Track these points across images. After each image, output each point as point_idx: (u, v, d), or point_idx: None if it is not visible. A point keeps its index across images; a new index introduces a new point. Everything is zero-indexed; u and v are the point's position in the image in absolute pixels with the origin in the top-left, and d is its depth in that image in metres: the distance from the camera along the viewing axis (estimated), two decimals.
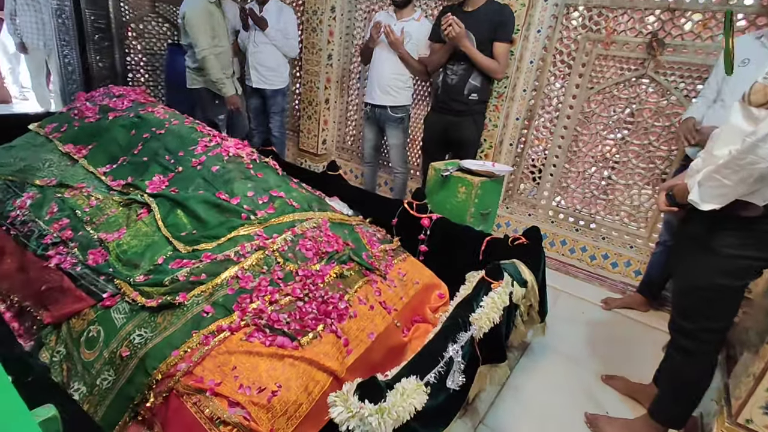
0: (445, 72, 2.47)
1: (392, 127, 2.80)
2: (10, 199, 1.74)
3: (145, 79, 3.89)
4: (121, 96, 2.10)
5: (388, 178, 3.38)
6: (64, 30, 3.25)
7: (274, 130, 3.52)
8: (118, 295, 1.30)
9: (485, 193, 2.08)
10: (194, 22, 2.77)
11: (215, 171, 1.62)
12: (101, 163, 1.79)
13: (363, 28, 3.25)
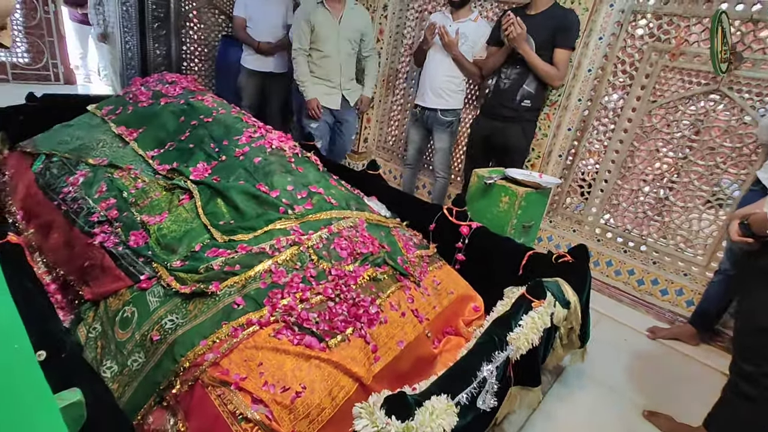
0: (498, 75, 2.39)
1: (440, 131, 2.73)
2: (64, 175, 1.82)
3: (198, 68, 4.01)
4: (173, 83, 2.15)
5: (427, 181, 3.32)
6: (126, 17, 3.39)
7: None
8: (155, 279, 1.31)
9: (529, 204, 1.98)
10: (294, 23, 2.83)
11: (257, 162, 1.62)
12: (150, 147, 1.83)
13: (413, 27, 3.20)
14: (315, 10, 2.66)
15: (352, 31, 2.74)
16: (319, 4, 2.68)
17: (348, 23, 2.72)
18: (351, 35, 2.75)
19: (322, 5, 2.68)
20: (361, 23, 2.74)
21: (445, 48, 2.53)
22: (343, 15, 2.71)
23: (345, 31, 2.73)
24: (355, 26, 2.73)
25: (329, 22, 2.69)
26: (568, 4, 2.34)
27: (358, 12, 2.74)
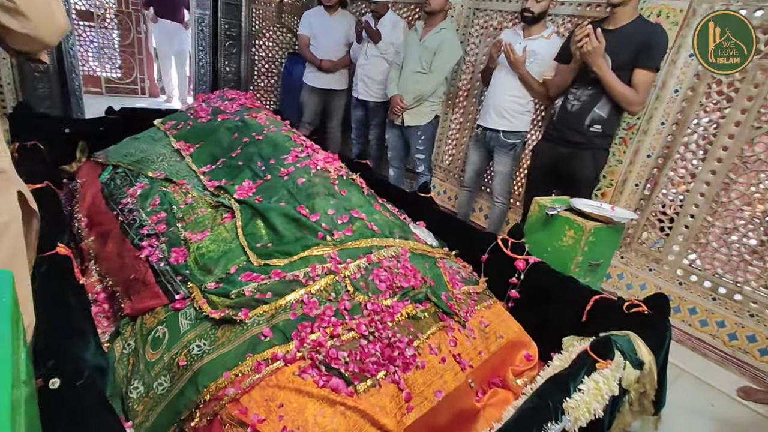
0: (565, 97, 2.18)
1: (502, 153, 2.56)
2: (125, 186, 1.90)
3: (264, 84, 4.16)
4: (232, 99, 2.20)
5: (485, 204, 3.14)
6: (201, 37, 3.60)
7: (371, 142, 3.50)
8: (189, 299, 1.29)
9: (598, 241, 1.75)
10: None
11: (300, 183, 1.57)
12: (203, 163, 1.86)
13: (477, 44, 3.06)
14: None
15: (428, 51, 2.69)
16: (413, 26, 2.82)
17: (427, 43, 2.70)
18: (425, 55, 2.70)
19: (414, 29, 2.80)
20: (436, 44, 2.68)
21: (511, 66, 2.37)
22: (427, 36, 2.71)
23: (422, 51, 2.71)
24: (431, 47, 2.68)
25: (414, 42, 2.77)
26: (653, 17, 2.10)
27: (442, 34, 2.69)
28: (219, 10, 3.49)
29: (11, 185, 0.95)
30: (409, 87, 2.76)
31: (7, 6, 0.82)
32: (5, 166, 0.93)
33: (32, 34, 0.87)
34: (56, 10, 0.91)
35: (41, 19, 0.87)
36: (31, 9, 0.85)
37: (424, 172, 3.03)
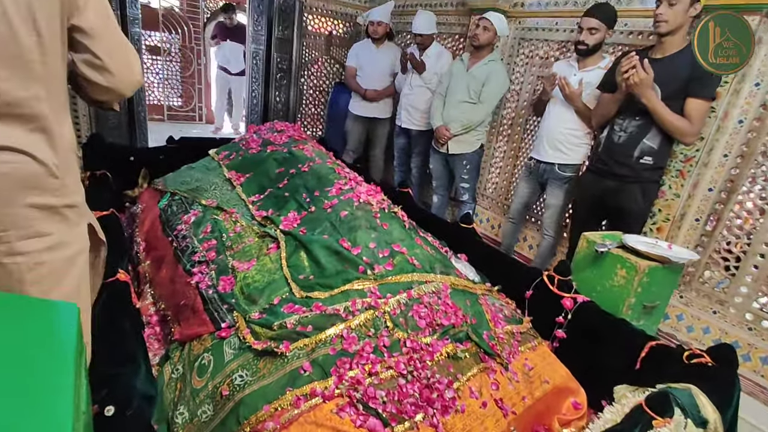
0: (611, 127, 2.10)
1: (556, 186, 2.49)
2: (181, 213, 2.01)
3: (311, 112, 4.33)
4: (281, 131, 2.30)
5: (530, 234, 3.05)
6: (255, 69, 3.82)
7: (413, 170, 3.52)
8: (233, 328, 1.33)
9: (654, 282, 1.65)
10: None
11: (343, 216, 1.60)
12: (252, 192, 1.95)
13: (522, 73, 3.04)
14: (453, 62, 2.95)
15: (476, 82, 2.72)
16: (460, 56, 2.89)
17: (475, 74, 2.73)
18: (473, 85, 2.73)
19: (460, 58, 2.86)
20: (484, 75, 2.71)
21: (566, 99, 2.32)
22: (474, 67, 2.74)
23: (469, 81, 2.74)
24: (480, 77, 2.70)
25: (461, 72, 2.81)
26: None
27: (490, 66, 2.72)
28: (272, 45, 3.70)
29: (82, 218, 1.03)
30: (455, 116, 2.78)
31: (96, 64, 0.92)
32: (79, 200, 1.02)
33: (113, 87, 0.97)
34: (134, 65, 1.01)
35: (122, 74, 0.97)
36: (115, 65, 0.95)
37: (468, 201, 3.00)
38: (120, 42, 0.97)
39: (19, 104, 0.83)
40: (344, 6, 4.09)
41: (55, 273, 0.95)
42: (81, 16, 0.87)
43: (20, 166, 0.86)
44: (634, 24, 2.35)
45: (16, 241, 0.88)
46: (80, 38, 0.89)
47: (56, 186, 0.92)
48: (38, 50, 0.82)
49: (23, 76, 0.82)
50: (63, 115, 0.94)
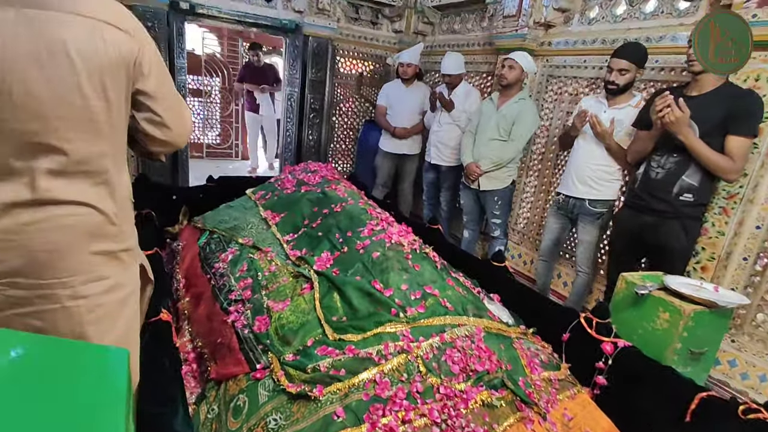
0: (648, 164, 2.07)
1: (587, 222, 2.45)
2: (219, 251, 2.09)
3: (342, 148, 4.47)
4: (314, 171, 2.38)
5: (564, 271, 2.97)
6: (290, 110, 4.00)
7: (443, 204, 3.54)
8: (268, 370, 1.35)
9: (700, 326, 1.56)
10: None
11: (375, 257, 1.62)
12: (287, 232, 2.01)
13: (551, 109, 3.05)
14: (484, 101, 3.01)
15: (506, 120, 2.75)
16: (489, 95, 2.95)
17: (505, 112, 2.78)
18: (503, 123, 2.76)
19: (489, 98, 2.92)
20: (515, 113, 2.74)
21: (597, 137, 2.31)
22: (504, 106, 2.79)
23: (499, 119, 2.78)
24: (510, 116, 2.74)
25: (490, 110, 2.85)
26: (750, 82, 1.96)
27: (520, 104, 2.76)
28: (306, 87, 3.88)
29: (135, 260, 1.10)
30: (486, 153, 2.81)
31: (155, 120, 1.02)
32: (133, 244, 1.09)
33: (170, 140, 1.06)
34: (187, 119, 1.10)
35: (177, 128, 1.06)
36: (172, 121, 1.04)
37: (500, 236, 2.98)
38: (175, 99, 1.07)
39: (88, 162, 0.92)
40: (374, 48, 4.27)
41: (111, 314, 1.01)
42: (145, 81, 0.96)
43: (86, 218, 0.94)
44: (665, 60, 2.34)
45: (80, 285, 0.95)
46: (143, 99, 0.99)
47: (115, 232, 1.00)
48: (106, 113, 0.91)
49: (92, 136, 0.91)
50: (122, 168, 1.03)
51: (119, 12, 0.92)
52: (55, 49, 0.82)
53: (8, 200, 0.86)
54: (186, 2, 3.33)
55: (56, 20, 0.82)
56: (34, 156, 0.86)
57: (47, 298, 0.92)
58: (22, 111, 0.83)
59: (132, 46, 0.91)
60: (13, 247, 0.88)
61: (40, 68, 0.82)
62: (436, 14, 4.01)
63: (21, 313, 0.92)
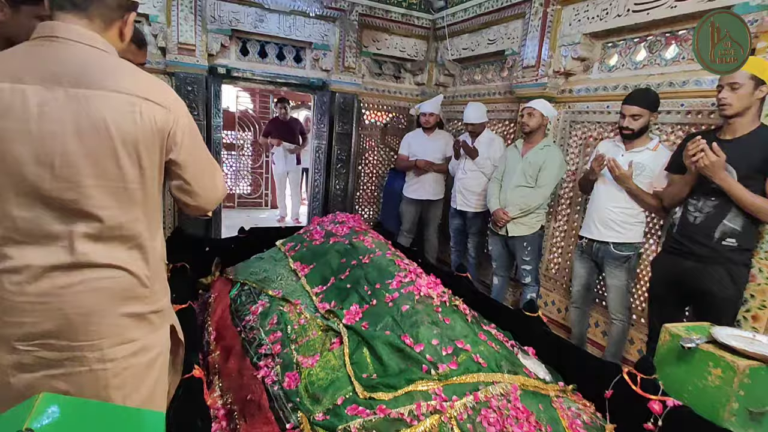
0: (685, 208, 2.01)
1: (614, 266, 2.38)
2: (249, 303, 2.12)
3: (367, 195, 4.55)
4: (342, 222, 2.43)
5: (601, 319, 2.84)
6: (318, 162, 4.15)
7: (470, 250, 3.51)
8: (298, 430, 1.32)
9: (759, 383, 1.44)
10: None
11: (404, 311, 1.61)
12: (315, 283, 2.03)
13: (577, 154, 3.05)
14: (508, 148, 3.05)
15: (532, 167, 2.77)
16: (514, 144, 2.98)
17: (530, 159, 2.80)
18: (529, 170, 2.78)
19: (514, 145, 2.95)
20: (541, 160, 2.76)
21: (617, 181, 2.29)
22: (529, 153, 2.81)
23: (525, 166, 2.80)
24: (536, 163, 2.76)
25: (515, 158, 2.87)
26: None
27: (546, 151, 2.78)
28: (333, 140, 4.04)
29: (166, 321, 1.12)
30: (513, 200, 2.81)
31: (185, 188, 1.07)
32: (165, 304, 1.11)
33: (199, 206, 1.12)
34: (218, 186, 1.15)
35: (207, 194, 1.11)
36: (201, 188, 1.09)
37: (531, 284, 2.91)
38: (206, 167, 1.12)
39: (121, 227, 0.97)
40: (398, 100, 4.44)
41: (136, 377, 1.02)
42: (177, 151, 1.02)
43: (119, 280, 0.98)
44: (690, 104, 2.33)
45: (108, 348, 0.97)
46: (174, 168, 1.04)
47: (146, 294, 1.02)
48: (139, 180, 0.97)
49: (126, 203, 0.97)
50: (156, 231, 1.07)
51: (156, 87, 1.00)
52: (95, 125, 0.90)
53: (48, 263, 0.92)
54: (223, 67, 3.60)
55: (98, 98, 0.90)
56: (73, 221, 0.92)
57: (76, 361, 0.94)
58: (62, 181, 0.90)
59: (167, 118, 0.98)
60: (48, 310, 0.92)
61: (80, 142, 0.90)
62: (456, 66, 4.17)
63: (50, 375, 0.94)
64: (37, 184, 0.89)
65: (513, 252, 2.96)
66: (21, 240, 0.92)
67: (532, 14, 3.11)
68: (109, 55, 0.97)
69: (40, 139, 0.88)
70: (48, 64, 0.90)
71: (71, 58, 0.92)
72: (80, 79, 0.90)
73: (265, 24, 3.62)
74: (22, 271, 0.92)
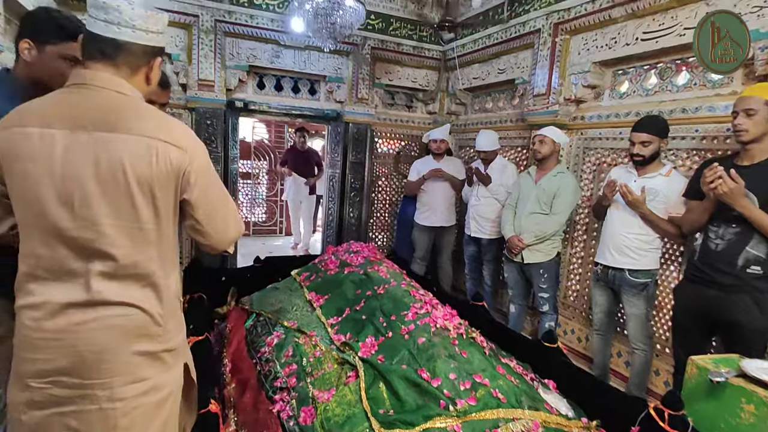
0: (705, 235, 1.97)
1: (631, 294, 2.33)
2: (265, 335, 2.12)
3: (381, 222, 4.57)
4: (357, 252, 2.44)
5: (623, 349, 2.75)
6: (332, 190, 4.21)
7: (486, 278, 3.47)
8: None
9: None
10: None
11: (421, 343, 1.59)
12: (331, 314, 2.02)
13: (591, 180, 3.04)
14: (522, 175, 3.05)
15: (546, 194, 2.76)
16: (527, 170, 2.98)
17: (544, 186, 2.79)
18: (543, 197, 2.77)
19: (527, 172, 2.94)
20: (555, 187, 2.74)
21: (630, 207, 2.27)
22: (542, 179, 2.81)
23: (539, 193, 2.79)
24: (550, 189, 2.75)
25: (529, 184, 2.87)
26: None
27: (559, 178, 2.77)
28: (347, 169, 4.11)
29: (179, 359, 1.12)
30: (527, 227, 2.79)
31: (197, 228, 1.10)
32: (178, 343, 1.11)
33: (211, 245, 1.14)
34: (230, 226, 1.15)
35: (219, 234, 1.13)
36: (213, 228, 1.11)
37: (549, 312, 2.85)
38: (219, 208, 1.12)
39: (136, 266, 0.99)
40: (410, 129, 4.51)
41: (146, 416, 1.02)
42: (191, 191, 1.04)
43: (132, 318, 0.99)
44: (705, 129, 2.32)
45: (119, 387, 0.97)
46: (187, 208, 1.07)
47: (159, 333, 1.03)
48: (154, 221, 1.00)
49: (141, 242, 0.99)
50: (171, 269, 1.08)
51: (175, 128, 1.03)
52: (113, 167, 0.94)
53: (65, 300, 0.94)
54: (240, 101, 3.73)
55: (118, 141, 0.95)
56: (90, 259, 0.95)
57: (87, 399, 0.95)
58: (81, 220, 0.94)
59: (183, 158, 1.01)
60: (62, 347, 0.94)
61: (99, 183, 0.94)
62: (467, 95, 4.24)
63: (60, 413, 0.95)
64: (59, 224, 0.93)
65: (529, 279, 2.91)
66: (43, 276, 0.96)
67: (540, 44, 3.17)
68: (132, 99, 1.02)
69: (62, 180, 0.93)
70: (75, 110, 0.96)
71: (97, 104, 0.97)
72: (103, 123, 0.95)
73: (281, 59, 3.76)
74: (41, 307, 0.95)
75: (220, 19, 3.46)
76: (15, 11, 2.38)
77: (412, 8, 4.11)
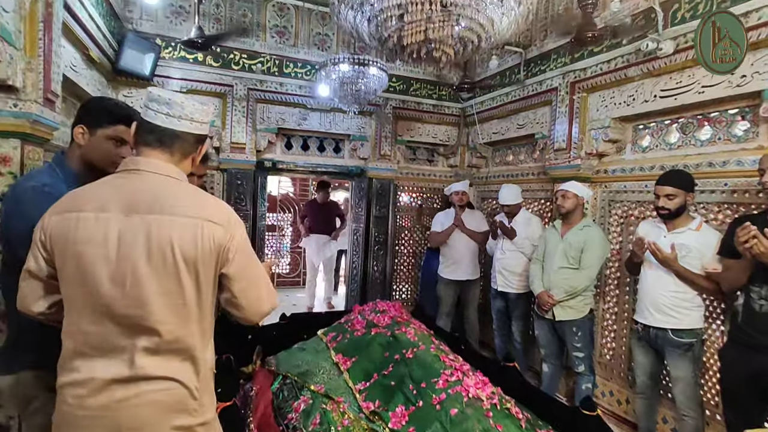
0: (747, 295, 1.89)
1: (676, 356, 2.21)
2: (292, 399, 2.08)
3: (405, 275, 4.55)
4: (383, 312, 2.42)
5: (668, 414, 2.57)
6: (356, 244, 4.26)
7: (515, 335, 3.37)
8: None
9: None
10: None
11: (453, 415, 1.54)
12: (359, 378, 1.98)
13: (618, 233, 2.99)
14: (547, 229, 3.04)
15: (573, 248, 2.72)
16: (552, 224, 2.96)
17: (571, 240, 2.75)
18: (570, 251, 2.74)
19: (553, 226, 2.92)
20: (582, 241, 2.71)
21: (661, 264, 2.21)
22: (569, 233, 2.78)
23: (566, 247, 2.75)
24: (577, 243, 2.71)
25: (555, 238, 2.84)
26: None
27: (586, 231, 2.74)
28: (371, 223, 4.18)
29: None
30: (557, 282, 2.73)
31: (232, 301, 1.13)
32: (211, 417, 1.11)
33: (245, 317, 1.17)
34: (263, 300, 1.18)
35: (252, 307, 1.16)
36: (248, 301, 1.14)
37: (586, 372, 2.71)
38: (254, 281, 1.16)
39: (178, 341, 1.03)
40: (432, 182, 4.60)
41: None
42: (229, 266, 1.09)
43: (171, 392, 1.01)
44: (734, 183, 2.29)
45: None
46: (224, 281, 1.11)
47: (195, 407, 1.05)
48: (196, 297, 1.04)
49: (184, 318, 1.03)
50: (207, 342, 1.11)
51: (215, 208, 1.10)
52: (162, 246, 1.00)
53: (109, 376, 0.97)
54: (269, 161, 3.91)
55: (166, 222, 1.01)
56: (136, 336, 0.99)
57: None
58: (131, 299, 0.99)
59: (224, 235, 1.07)
60: (104, 424, 0.96)
61: (149, 262, 0.99)
62: (488, 149, 4.33)
63: None
64: (111, 303, 0.99)
65: (562, 337, 2.81)
66: (90, 353, 0.99)
67: (558, 102, 3.25)
68: (179, 182, 1.11)
69: (116, 261, 0.99)
70: (128, 194, 1.04)
71: (149, 187, 1.05)
72: (153, 206, 1.02)
73: (308, 121, 3.97)
74: (85, 384, 0.98)
75: (252, 87, 3.72)
76: (71, 91, 2.63)
77: (431, 70, 4.32)
